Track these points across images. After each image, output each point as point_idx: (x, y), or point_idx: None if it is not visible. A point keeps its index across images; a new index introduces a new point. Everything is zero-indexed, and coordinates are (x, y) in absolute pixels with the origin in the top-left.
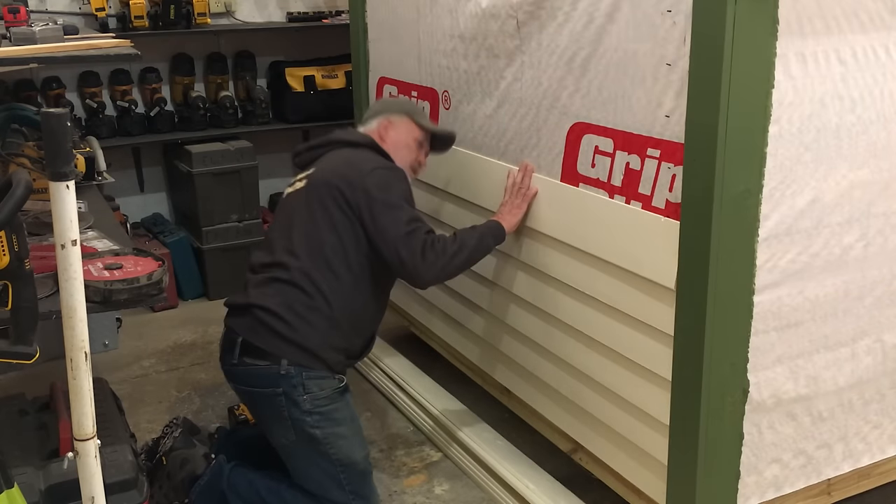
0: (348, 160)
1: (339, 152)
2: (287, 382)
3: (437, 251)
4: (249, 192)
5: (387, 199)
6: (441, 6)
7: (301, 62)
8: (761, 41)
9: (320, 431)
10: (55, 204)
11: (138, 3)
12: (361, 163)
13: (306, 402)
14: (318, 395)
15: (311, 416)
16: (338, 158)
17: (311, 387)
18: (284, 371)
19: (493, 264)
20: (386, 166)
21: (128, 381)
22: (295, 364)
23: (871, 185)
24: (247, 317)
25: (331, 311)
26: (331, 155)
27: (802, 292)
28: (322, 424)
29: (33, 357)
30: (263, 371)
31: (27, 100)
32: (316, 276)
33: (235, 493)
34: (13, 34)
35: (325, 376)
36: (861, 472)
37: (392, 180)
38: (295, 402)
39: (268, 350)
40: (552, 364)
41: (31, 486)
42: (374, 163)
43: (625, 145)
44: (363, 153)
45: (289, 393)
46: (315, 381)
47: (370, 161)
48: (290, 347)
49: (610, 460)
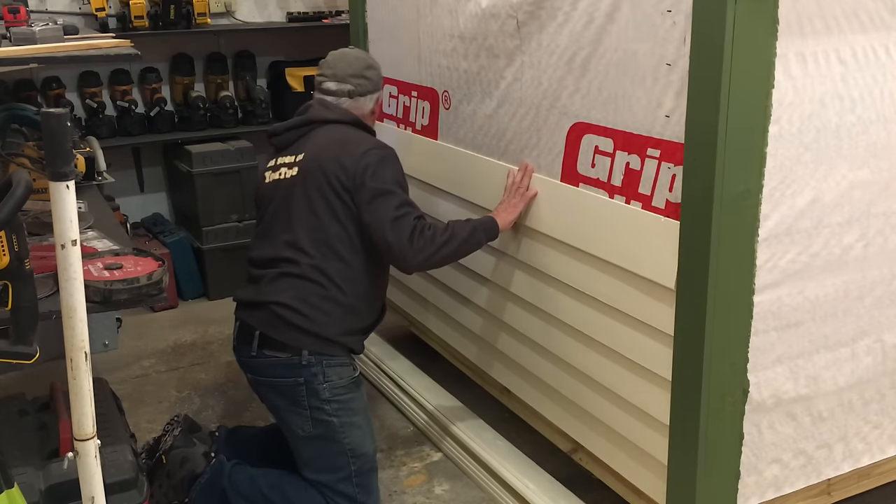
0: (338, 142)
1: (325, 132)
2: (308, 372)
3: (425, 238)
4: (249, 192)
5: (379, 185)
6: (441, 6)
7: (301, 62)
8: (761, 41)
9: (337, 420)
10: (55, 204)
11: (138, 3)
12: (352, 145)
13: (325, 390)
14: (337, 384)
15: (330, 405)
16: (325, 140)
17: (331, 375)
18: (305, 361)
19: (492, 264)
20: (376, 147)
21: (128, 381)
22: (315, 353)
23: (871, 185)
24: (262, 311)
25: (346, 297)
26: (316, 136)
27: (802, 292)
28: (339, 413)
29: (33, 357)
30: (284, 362)
31: (27, 100)
32: (326, 267)
33: (237, 491)
34: (13, 34)
35: (344, 363)
36: (861, 472)
37: (384, 163)
38: (315, 390)
39: (287, 342)
40: (552, 364)
41: (31, 486)
42: (364, 144)
43: (625, 145)
44: (350, 132)
45: (309, 381)
46: (334, 370)
47: (360, 142)
48: (310, 338)
49: (610, 460)
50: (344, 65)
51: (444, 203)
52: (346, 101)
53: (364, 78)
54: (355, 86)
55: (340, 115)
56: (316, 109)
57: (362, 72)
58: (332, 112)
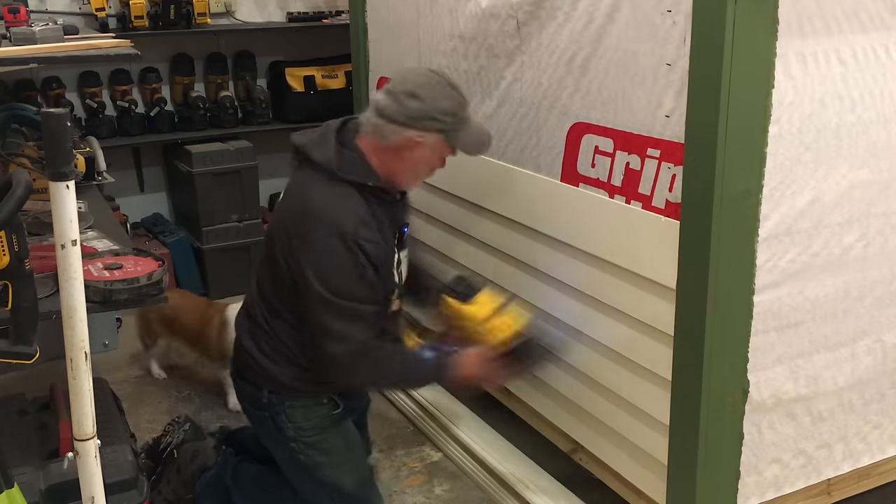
0: (300, 210)
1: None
2: (271, 409)
3: (367, 363)
4: (249, 192)
5: (321, 292)
6: (441, 6)
7: (301, 62)
8: (761, 41)
9: (304, 458)
10: (55, 204)
11: (138, 3)
12: (308, 221)
13: (290, 429)
14: (303, 426)
15: (296, 443)
16: (297, 193)
17: (295, 416)
18: (266, 400)
19: (492, 263)
20: (333, 231)
21: (128, 381)
22: (276, 393)
23: (871, 185)
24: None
25: (293, 355)
26: (300, 175)
27: (802, 292)
28: (308, 452)
29: (33, 357)
30: (251, 394)
31: (27, 100)
32: (275, 322)
33: (239, 487)
34: (13, 34)
35: (315, 403)
36: (861, 472)
37: (329, 257)
38: (279, 427)
39: (249, 379)
40: (552, 364)
41: (31, 486)
42: (323, 225)
43: (625, 145)
44: (318, 194)
45: (273, 418)
46: (300, 411)
47: (320, 221)
48: (268, 381)
49: (610, 460)
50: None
51: (443, 203)
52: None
53: (431, 105)
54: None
55: (325, 159)
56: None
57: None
58: (323, 151)
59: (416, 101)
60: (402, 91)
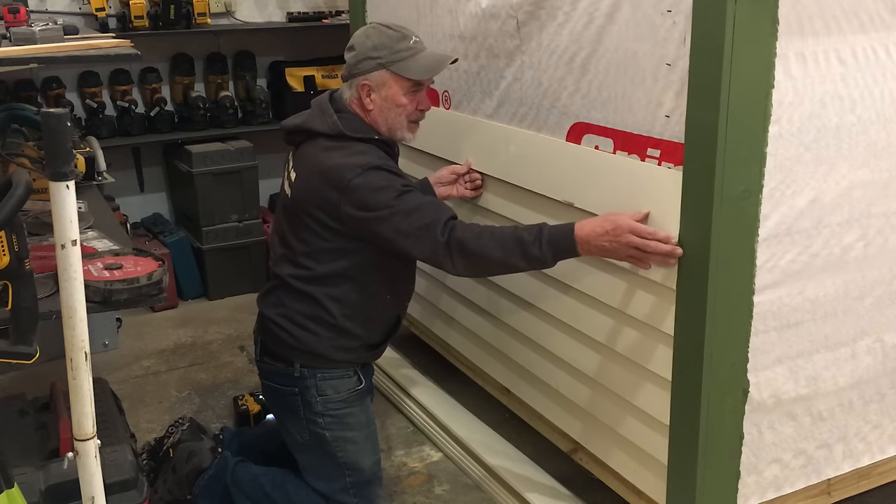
0: (325, 171)
1: (315, 148)
2: (301, 383)
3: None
4: (249, 192)
5: (377, 214)
6: (441, 6)
7: (301, 62)
8: (761, 41)
9: (330, 433)
10: (55, 204)
11: (138, 3)
12: (338, 174)
13: (319, 403)
14: (333, 398)
15: (323, 418)
16: (314, 163)
17: (325, 389)
18: (298, 373)
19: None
20: (364, 167)
21: (128, 381)
22: (308, 366)
23: (871, 185)
24: (261, 320)
25: (333, 318)
26: (307, 151)
27: (802, 292)
28: (332, 427)
29: (33, 357)
30: (280, 371)
31: (27, 100)
32: (311, 288)
33: (239, 488)
34: (13, 34)
35: (343, 375)
36: (861, 472)
37: (373, 187)
38: (308, 402)
39: (279, 354)
40: (552, 364)
41: (31, 486)
42: (351, 169)
43: (625, 145)
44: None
45: (303, 392)
46: (330, 383)
47: (347, 168)
48: (299, 353)
49: (610, 460)
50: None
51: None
52: (349, 89)
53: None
54: (353, 59)
55: (330, 127)
56: (312, 118)
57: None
58: (325, 123)
59: (352, 52)
60: (345, 51)
